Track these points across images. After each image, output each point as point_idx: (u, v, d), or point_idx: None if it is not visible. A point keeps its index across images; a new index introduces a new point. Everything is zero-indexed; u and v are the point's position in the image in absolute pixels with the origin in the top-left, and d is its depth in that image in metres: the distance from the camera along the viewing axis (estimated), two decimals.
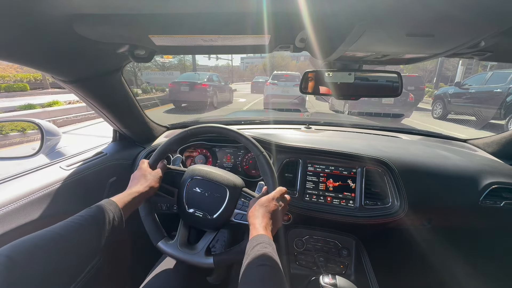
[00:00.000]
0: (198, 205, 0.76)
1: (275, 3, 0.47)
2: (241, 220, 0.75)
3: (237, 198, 0.77)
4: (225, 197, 0.75)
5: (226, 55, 31.49)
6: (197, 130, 0.81)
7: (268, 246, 0.53)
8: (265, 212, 0.64)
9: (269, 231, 0.60)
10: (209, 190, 0.77)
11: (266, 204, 0.66)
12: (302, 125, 1.44)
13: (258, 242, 0.53)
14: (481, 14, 0.43)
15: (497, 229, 1.09)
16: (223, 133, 0.79)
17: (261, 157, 0.75)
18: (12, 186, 0.74)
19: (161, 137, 1.32)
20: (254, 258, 0.48)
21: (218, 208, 0.75)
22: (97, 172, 0.97)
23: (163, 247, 0.75)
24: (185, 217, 0.78)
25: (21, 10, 0.44)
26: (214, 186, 0.77)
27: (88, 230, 0.51)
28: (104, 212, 0.55)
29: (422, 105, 9.56)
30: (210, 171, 0.80)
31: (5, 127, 4.61)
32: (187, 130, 0.81)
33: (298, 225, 1.12)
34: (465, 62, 13.81)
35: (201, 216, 0.75)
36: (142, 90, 13.22)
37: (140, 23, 0.55)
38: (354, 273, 1.00)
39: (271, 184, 0.73)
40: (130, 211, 0.63)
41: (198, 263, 0.72)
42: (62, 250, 0.45)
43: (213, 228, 0.78)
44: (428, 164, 1.01)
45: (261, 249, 0.51)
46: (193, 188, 0.77)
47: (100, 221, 0.53)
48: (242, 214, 0.75)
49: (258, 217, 0.62)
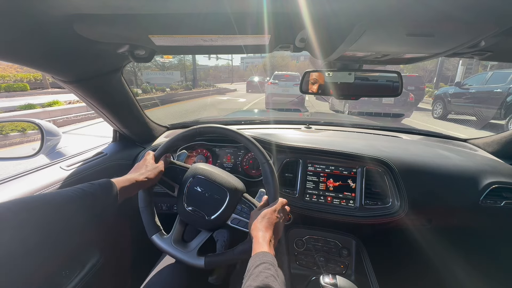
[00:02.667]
0: (197, 205, 0.76)
1: (275, 3, 0.47)
2: (237, 225, 0.75)
3: (237, 203, 0.77)
4: (225, 200, 0.75)
5: (226, 55, 31.54)
6: (206, 130, 0.80)
7: (272, 268, 0.52)
8: (268, 225, 0.64)
9: (272, 246, 0.60)
10: (209, 190, 0.76)
11: (268, 216, 0.66)
12: (302, 125, 1.44)
13: (262, 261, 0.52)
14: (481, 14, 0.43)
15: (497, 229, 1.09)
16: (231, 136, 0.78)
17: (266, 166, 0.74)
18: (12, 186, 0.74)
19: (161, 137, 1.32)
20: (257, 284, 0.47)
21: (217, 210, 0.74)
22: (97, 172, 0.97)
23: (157, 240, 0.75)
24: (182, 214, 0.78)
25: (21, 10, 0.44)
26: (215, 188, 0.76)
27: (78, 203, 0.52)
28: (98, 187, 0.57)
29: (422, 105, 9.56)
30: (213, 171, 0.80)
31: (5, 127, 4.61)
32: (196, 128, 0.80)
33: (298, 225, 1.12)
34: (465, 62, 13.81)
35: (199, 215, 0.75)
36: (142, 90, 13.24)
37: (140, 23, 0.55)
38: (354, 273, 1.00)
39: (272, 194, 0.73)
40: (125, 196, 0.64)
41: (188, 262, 0.72)
42: (49, 215, 0.46)
43: (208, 229, 0.78)
44: (428, 164, 1.01)
45: (264, 271, 0.50)
46: (194, 187, 0.77)
47: (93, 195, 0.55)
48: (238, 220, 0.75)
49: (261, 230, 0.62)
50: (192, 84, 18.22)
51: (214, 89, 18.84)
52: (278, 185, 0.74)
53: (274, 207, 0.69)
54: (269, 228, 0.63)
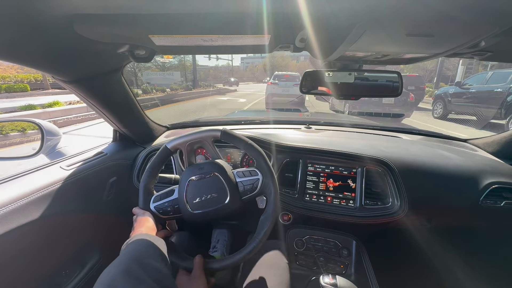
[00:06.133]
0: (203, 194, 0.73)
1: (275, 3, 0.47)
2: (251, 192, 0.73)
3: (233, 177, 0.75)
4: (221, 180, 0.73)
5: (226, 55, 31.57)
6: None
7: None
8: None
9: None
10: (205, 188, 0.73)
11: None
12: (302, 125, 1.44)
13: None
14: (481, 14, 0.43)
15: (497, 229, 1.09)
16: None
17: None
18: (12, 186, 0.74)
19: (161, 137, 1.32)
20: None
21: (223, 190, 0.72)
22: (97, 172, 0.97)
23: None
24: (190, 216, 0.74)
25: (21, 10, 0.45)
26: (209, 182, 0.74)
27: None
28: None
29: (423, 105, 9.55)
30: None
31: (5, 127, 4.61)
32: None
33: (298, 225, 1.12)
34: (465, 62, 13.80)
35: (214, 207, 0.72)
36: (143, 91, 13.25)
37: (140, 23, 0.55)
38: (354, 273, 1.00)
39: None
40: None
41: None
42: None
43: (232, 215, 0.73)
44: (428, 164, 1.01)
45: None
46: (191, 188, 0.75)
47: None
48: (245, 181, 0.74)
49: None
50: (192, 84, 18.24)
51: (214, 89, 18.93)
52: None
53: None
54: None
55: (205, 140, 0.80)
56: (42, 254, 0.75)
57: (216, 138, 0.79)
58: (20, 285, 0.70)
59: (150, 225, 0.67)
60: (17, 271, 0.68)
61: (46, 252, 0.76)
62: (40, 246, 0.74)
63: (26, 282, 0.71)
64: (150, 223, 0.68)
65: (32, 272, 0.73)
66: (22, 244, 0.69)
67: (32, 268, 0.72)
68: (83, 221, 0.90)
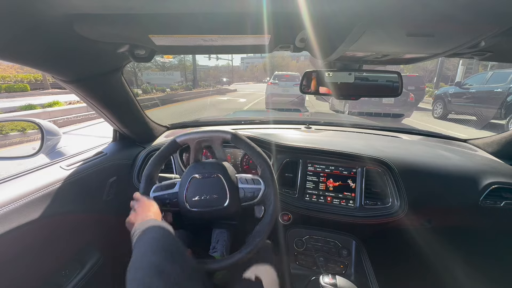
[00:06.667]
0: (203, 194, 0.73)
1: (275, 3, 0.47)
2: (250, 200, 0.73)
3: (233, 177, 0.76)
4: (222, 181, 0.73)
5: (226, 55, 31.57)
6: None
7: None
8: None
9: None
10: (205, 188, 0.74)
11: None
12: (302, 125, 1.44)
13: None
14: (481, 14, 0.43)
15: (497, 229, 1.09)
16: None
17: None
18: (12, 186, 0.74)
19: (161, 137, 1.32)
20: None
21: (223, 191, 0.73)
22: (97, 172, 0.97)
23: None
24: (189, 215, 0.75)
25: (21, 10, 0.45)
26: (209, 182, 0.74)
27: None
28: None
29: (423, 105, 9.55)
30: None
31: (5, 127, 4.61)
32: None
33: (298, 225, 1.12)
34: (465, 62, 13.78)
35: (214, 207, 0.72)
36: (143, 90, 13.24)
37: (140, 23, 0.55)
38: (354, 273, 1.00)
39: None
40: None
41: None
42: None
43: (229, 217, 0.75)
44: (428, 164, 1.01)
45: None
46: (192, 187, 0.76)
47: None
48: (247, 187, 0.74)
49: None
50: (192, 84, 18.24)
51: (214, 89, 18.96)
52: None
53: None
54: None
55: (215, 140, 0.80)
56: (42, 254, 0.75)
57: (226, 140, 0.80)
58: (20, 285, 0.70)
59: (156, 210, 0.67)
60: (17, 271, 0.68)
61: (46, 252, 0.76)
62: (40, 246, 0.74)
63: (26, 282, 0.71)
64: (155, 208, 0.67)
65: (32, 272, 0.73)
66: (22, 244, 0.69)
67: (32, 268, 0.72)
68: (83, 221, 0.90)
